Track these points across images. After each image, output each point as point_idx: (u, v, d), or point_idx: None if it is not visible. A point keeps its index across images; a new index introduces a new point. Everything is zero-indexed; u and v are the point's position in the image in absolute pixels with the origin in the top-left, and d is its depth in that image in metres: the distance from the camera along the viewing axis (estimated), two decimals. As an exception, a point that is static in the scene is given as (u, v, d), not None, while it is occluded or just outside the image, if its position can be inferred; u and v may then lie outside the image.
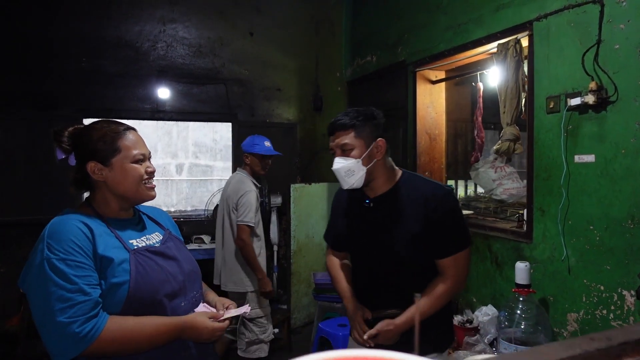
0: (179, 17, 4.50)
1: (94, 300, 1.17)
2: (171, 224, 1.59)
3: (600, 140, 2.31)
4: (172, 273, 1.35)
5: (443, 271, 1.63)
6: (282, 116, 4.95)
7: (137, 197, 1.37)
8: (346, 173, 1.62)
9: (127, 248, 1.29)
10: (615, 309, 2.25)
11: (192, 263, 1.48)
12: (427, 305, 1.60)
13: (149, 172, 1.38)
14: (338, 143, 1.64)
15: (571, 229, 2.47)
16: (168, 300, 1.31)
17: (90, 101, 4.24)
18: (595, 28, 2.31)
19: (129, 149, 1.34)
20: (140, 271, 1.26)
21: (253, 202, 3.01)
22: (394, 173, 1.72)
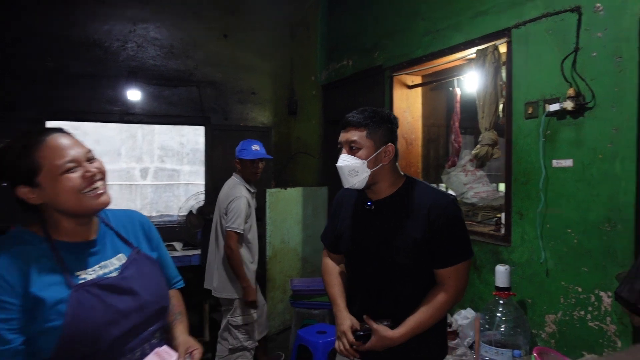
0: (150, 17, 4.37)
1: (13, 349, 1.03)
2: (143, 236, 1.40)
3: (578, 146, 2.36)
4: (124, 311, 1.18)
5: (443, 281, 1.59)
6: (257, 120, 4.88)
7: (85, 209, 1.18)
8: (349, 172, 1.59)
9: (70, 283, 1.12)
10: (593, 310, 2.30)
11: (158, 290, 1.30)
12: (428, 315, 1.56)
13: (88, 177, 1.17)
14: (348, 138, 1.61)
15: (549, 232, 2.52)
16: (113, 343, 1.15)
17: (56, 103, 4.05)
18: (573, 36, 2.37)
19: (52, 160, 1.13)
20: (79, 314, 1.10)
21: (242, 209, 2.97)
22: (399, 178, 1.69)
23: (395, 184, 1.66)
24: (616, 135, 2.20)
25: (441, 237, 1.56)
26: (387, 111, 1.66)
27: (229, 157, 4.73)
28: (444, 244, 1.57)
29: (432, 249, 1.57)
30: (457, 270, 1.58)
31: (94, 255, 1.22)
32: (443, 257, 1.58)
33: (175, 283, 1.52)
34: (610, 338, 2.22)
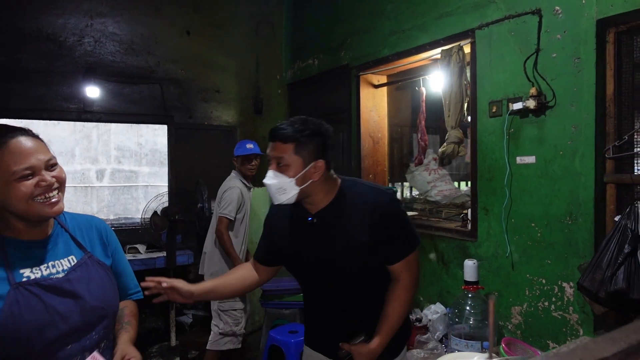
0: (109, 11, 4.20)
1: None
2: (99, 242, 1.37)
3: (540, 143, 2.46)
4: (63, 313, 1.15)
5: (397, 276, 1.59)
6: (222, 119, 4.79)
7: (34, 215, 1.16)
8: (277, 190, 1.51)
9: (11, 280, 1.10)
10: (556, 301, 2.40)
11: (104, 296, 1.27)
12: (396, 315, 1.57)
13: (42, 185, 1.14)
14: (274, 155, 1.50)
15: (514, 226, 2.61)
16: (50, 345, 1.13)
17: (6, 99, 3.81)
18: (534, 37, 2.46)
19: (8, 165, 1.11)
20: (14, 312, 1.07)
21: (234, 198, 3.18)
22: (334, 184, 1.60)
23: (331, 192, 1.59)
24: (575, 132, 2.30)
25: (388, 236, 1.54)
26: (319, 122, 1.55)
27: (193, 156, 4.62)
28: (392, 241, 1.55)
29: (381, 247, 1.54)
30: (407, 262, 1.57)
31: (42, 255, 1.21)
32: (392, 253, 1.56)
33: (132, 294, 1.48)
34: (573, 327, 2.33)
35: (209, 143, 4.71)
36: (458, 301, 2.69)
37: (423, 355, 2.60)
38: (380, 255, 1.56)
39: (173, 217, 3.80)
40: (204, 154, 4.66)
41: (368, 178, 3.96)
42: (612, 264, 1.96)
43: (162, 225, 3.77)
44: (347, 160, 4.06)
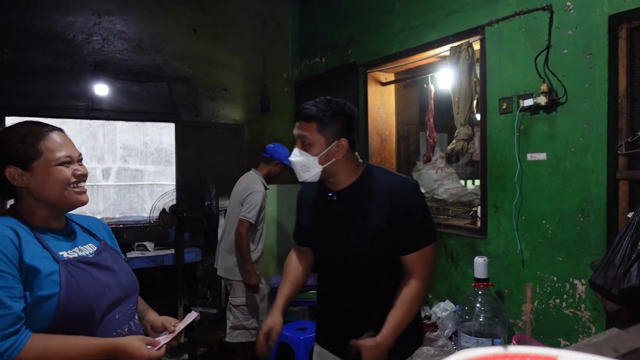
0: (116, 9, 4.21)
1: (15, 314, 1.06)
2: (108, 235, 1.47)
3: (551, 139, 2.45)
4: (108, 284, 1.25)
5: (410, 268, 1.57)
6: (229, 117, 4.79)
7: (65, 203, 1.25)
8: (301, 168, 1.56)
9: (57, 259, 1.18)
10: (568, 298, 2.39)
11: (130, 275, 1.38)
12: (405, 309, 1.54)
13: (78, 174, 1.26)
14: (299, 134, 1.55)
15: (524, 224, 2.60)
16: (104, 314, 1.22)
17: (15, 98, 3.83)
18: (545, 33, 2.45)
19: (53, 151, 1.22)
20: (72, 283, 1.16)
21: (259, 202, 3.23)
22: (358, 167, 1.63)
23: (354, 173, 1.61)
24: (587, 129, 2.29)
25: (405, 223, 1.54)
26: (343, 102, 1.58)
27: (200, 154, 4.63)
28: (408, 230, 1.55)
29: (397, 235, 1.54)
30: (422, 255, 1.55)
31: (69, 241, 1.29)
32: (408, 242, 1.55)
33: None
34: (585, 324, 2.32)
35: (216, 141, 4.71)
36: (468, 298, 2.69)
37: (433, 352, 2.59)
38: (395, 243, 1.56)
39: (181, 215, 3.81)
40: (211, 152, 4.67)
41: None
42: (625, 261, 1.95)
43: (171, 222, 3.78)
44: (354, 158, 4.05)
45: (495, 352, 0.39)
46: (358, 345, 1.52)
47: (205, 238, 4.53)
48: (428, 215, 1.61)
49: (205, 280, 4.66)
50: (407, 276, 1.59)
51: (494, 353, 0.39)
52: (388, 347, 1.53)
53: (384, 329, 1.53)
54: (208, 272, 4.62)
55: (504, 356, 0.39)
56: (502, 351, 0.39)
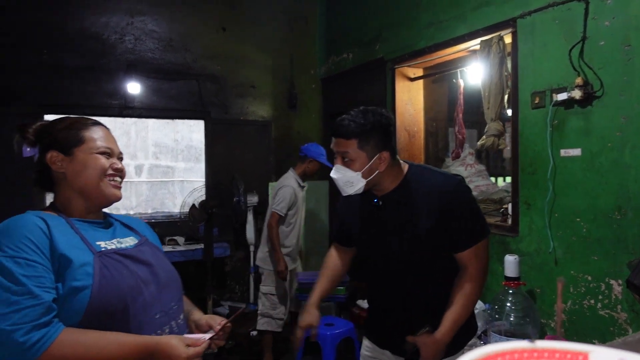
0: (148, 9, 4.31)
1: (46, 304, 1.01)
2: (150, 233, 1.44)
3: (587, 134, 2.37)
4: (145, 280, 1.19)
5: (465, 265, 1.55)
6: (257, 114, 4.84)
7: (99, 194, 1.23)
8: (345, 184, 1.55)
9: (92, 249, 1.14)
10: (603, 299, 2.31)
11: (172, 272, 1.32)
12: (463, 305, 1.52)
13: (115, 167, 1.26)
14: (339, 150, 1.53)
15: (557, 221, 2.53)
16: (139, 310, 1.15)
17: (53, 96, 3.98)
18: (580, 25, 2.37)
19: (94, 140, 1.24)
20: (106, 275, 1.10)
21: (287, 196, 3.47)
22: (401, 170, 1.60)
23: (397, 177, 1.59)
24: (625, 123, 2.20)
25: (456, 221, 1.51)
26: (380, 111, 1.54)
27: (229, 151, 4.69)
28: (460, 227, 1.52)
29: (448, 234, 1.52)
30: (476, 250, 1.53)
31: (108, 232, 1.27)
32: (461, 240, 1.53)
33: None
34: (621, 326, 2.24)
35: (244, 138, 4.77)
36: (498, 297, 2.63)
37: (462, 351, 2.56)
38: (447, 243, 1.54)
39: (210, 211, 3.87)
40: (239, 149, 4.74)
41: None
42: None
43: (200, 218, 3.85)
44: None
45: (523, 346, 0.39)
46: (416, 341, 1.51)
47: (234, 234, 4.60)
48: (478, 210, 1.59)
49: (233, 275, 4.73)
50: (462, 272, 1.57)
51: (521, 347, 0.39)
52: (446, 343, 1.51)
53: (442, 326, 1.51)
54: (236, 267, 4.69)
55: (532, 351, 0.38)
56: (530, 346, 0.39)
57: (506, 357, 0.38)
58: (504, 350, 0.38)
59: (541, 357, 0.38)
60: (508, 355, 0.38)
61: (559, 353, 0.38)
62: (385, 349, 1.70)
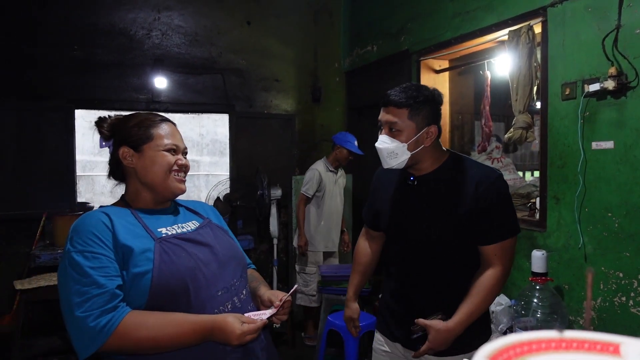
0: (174, 4, 4.36)
1: (110, 292, 1.11)
2: (213, 213, 1.52)
3: (620, 127, 2.29)
4: (204, 260, 1.27)
5: (489, 260, 1.52)
6: (281, 107, 4.86)
7: (166, 189, 1.32)
8: (388, 155, 1.53)
9: (154, 236, 1.23)
10: (635, 296, 2.24)
11: (233, 249, 1.39)
12: (480, 299, 1.49)
13: (180, 164, 1.34)
14: (388, 119, 1.52)
15: (588, 216, 2.46)
16: (200, 289, 1.23)
17: (83, 91, 4.08)
18: (614, 13, 2.28)
19: (162, 137, 1.32)
20: (165, 259, 1.19)
21: (313, 178, 3.81)
22: (442, 154, 1.60)
23: (438, 160, 1.58)
24: (662, 115, 2.12)
25: (489, 212, 1.49)
26: (432, 89, 1.56)
27: (253, 144, 4.73)
28: (491, 220, 1.50)
29: (479, 224, 1.50)
30: (503, 246, 1.50)
31: (171, 219, 1.35)
32: (490, 233, 1.51)
33: (249, 264, 1.62)
34: (654, 324, 2.17)
35: (268, 131, 4.80)
36: (524, 293, 2.58)
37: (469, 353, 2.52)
38: (474, 233, 1.52)
39: (234, 203, 3.92)
40: (263, 142, 4.77)
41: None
42: (703, 257, 1.80)
43: (225, 210, 3.90)
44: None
45: (550, 336, 0.38)
46: (426, 325, 1.50)
47: (258, 226, 4.65)
48: (512, 208, 1.56)
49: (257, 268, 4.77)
50: (484, 266, 1.55)
51: (549, 337, 0.38)
52: (457, 334, 1.49)
53: (456, 315, 1.49)
54: (260, 259, 4.74)
55: (560, 340, 0.37)
56: (558, 335, 0.38)
57: (533, 346, 0.37)
58: (531, 339, 0.38)
59: (570, 347, 0.37)
60: (535, 344, 0.37)
61: (589, 343, 0.37)
62: (396, 342, 1.69)
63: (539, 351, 0.37)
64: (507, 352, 0.35)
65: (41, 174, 3.95)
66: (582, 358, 0.36)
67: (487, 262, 1.53)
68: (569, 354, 0.37)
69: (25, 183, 3.91)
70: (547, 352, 0.37)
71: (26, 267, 3.54)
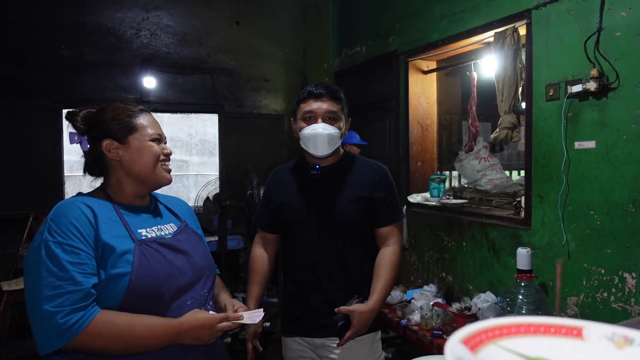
0: (163, 4, 4.36)
1: (85, 290, 1.09)
2: (190, 216, 1.49)
3: (601, 127, 2.35)
4: (180, 268, 1.26)
5: (386, 239, 1.75)
6: (270, 107, 4.87)
7: (153, 179, 1.31)
8: (330, 141, 1.67)
9: (134, 238, 1.21)
10: (617, 292, 2.30)
11: (206, 259, 1.39)
12: (389, 276, 1.68)
13: (166, 153, 1.33)
14: (327, 109, 1.68)
15: (571, 214, 2.51)
16: (173, 297, 1.23)
17: (71, 90, 4.06)
18: (596, 16, 2.34)
19: (146, 127, 1.30)
20: (144, 263, 1.18)
21: None
22: (341, 150, 1.83)
23: (339, 154, 1.80)
24: (641, 115, 2.18)
25: (386, 197, 1.75)
26: None
27: (243, 144, 4.74)
28: (388, 203, 1.76)
29: (378, 207, 1.74)
30: (398, 227, 1.78)
31: (151, 219, 1.33)
32: (388, 215, 1.75)
33: None
34: (635, 318, 2.23)
35: (258, 131, 4.81)
36: (510, 290, 2.63)
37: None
38: (375, 215, 1.74)
39: (224, 203, 3.93)
40: (252, 142, 4.78)
41: (416, 165, 3.93)
42: (680, 253, 1.86)
43: (214, 210, 3.91)
44: (394, 147, 4.03)
45: (520, 321, 0.41)
46: (348, 311, 1.57)
47: (247, 226, 4.66)
48: (397, 196, 1.84)
49: (247, 267, 4.78)
50: (384, 248, 1.75)
51: (518, 322, 0.41)
52: (377, 313, 1.63)
53: (374, 294, 1.64)
54: (250, 259, 4.75)
55: (528, 325, 0.40)
56: (527, 321, 0.41)
57: (504, 330, 0.40)
58: (502, 324, 0.41)
59: (537, 331, 0.40)
60: (505, 328, 0.40)
61: (554, 327, 0.40)
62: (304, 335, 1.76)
63: (509, 335, 0.39)
64: (479, 335, 0.38)
65: (29, 174, 3.92)
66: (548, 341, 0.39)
67: (384, 243, 1.75)
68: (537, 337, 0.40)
69: (13, 183, 3.88)
70: (517, 335, 0.40)
71: (13, 268, 3.51)
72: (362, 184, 1.74)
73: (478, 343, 0.38)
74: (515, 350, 0.38)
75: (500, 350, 0.37)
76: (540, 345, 0.38)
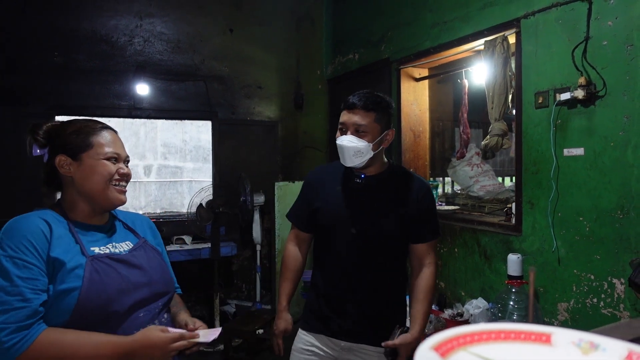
0: (157, 11, 4.37)
1: (33, 308, 1.06)
2: (151, 232, 1.48)
3: (589, 134, 2.38)
4: (135, 283, 1.24)
5: (422, 257, 1.75)
6: (263, 114, 4.89)
7: (105, 199, 1.27)
8: (355, 153, 1.65)
9: (85, 253, 1.19)
10: (606, 297, 2.32)
11: (164, 275, 1.36)
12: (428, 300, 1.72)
13: (121, 173, 1.29)
14: (356, 121, 1.65)
15: (561, 220, 2.54)
16: (127, 312, 1.20)
17: (64, 97, 4.05)
18: (583, 25, 2.38)
19: (102, 145, 1.26)
20: (95, 279, 1.15)
21: None
22: (385, 162, 1.82)
23: (383, 165, 1.79)
24: (628, 122, 2.21)
25: (426, 214, 1.75)
26: (387, 96, 1.74)
27: (236, 151, 4.74)
28: (428, 221, 1.75)
29: (418, 224, 1.73)
30: (434, 245, 1.80)
31: (105, 237, 1.30)
32: (427, 232, 1.75)
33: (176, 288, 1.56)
34: (623, 324, 2.24)
35: (251, 138, 4.82)
36: (501, 296, 2.65)
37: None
38: (413, 231, 1.74)
39: (217, 210, 3.93)
40: (246, 149, 4.79)
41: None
42: (667, 259, 1.88)
43: (207, 217, 3.91)
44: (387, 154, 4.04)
45: (490, 328, 0.42)
46: (396, 345, 1.61)
47: (241, 233, 4.65)
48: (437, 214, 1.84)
49: (240, 274, 4.78)
50: (419, 267, 1.76)
51: (489, 329, 0.42)
52: (421, 339, 1.62)
53: (417, 323, 1.68)
54: (243, 266, 4.75)
55: (499, 332, 0.41)
56: (498, 327, 0.42)
57: (475, 337, 0.41)
58: (473, 331, 0.42)
59: (508, 337, 0.41)
60: (477, 335, 0.41)
61: (524, 334, 0.41)
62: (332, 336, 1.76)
63: (480, 341, 0.41)
64: (450, 342, 0.39)
65: (21, 181, 3.90)
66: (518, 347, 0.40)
67: (419, 261, 1.76)
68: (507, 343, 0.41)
69: (5, 190, 3.86)
70: (487, 342, 0.41)
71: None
72: (405, 199, 1.72)
73: (449, 349, 0.39)
74: (484, 356, 0.39)
75: (470, 356, 0.39)
76: (509, 351, 0.40)
